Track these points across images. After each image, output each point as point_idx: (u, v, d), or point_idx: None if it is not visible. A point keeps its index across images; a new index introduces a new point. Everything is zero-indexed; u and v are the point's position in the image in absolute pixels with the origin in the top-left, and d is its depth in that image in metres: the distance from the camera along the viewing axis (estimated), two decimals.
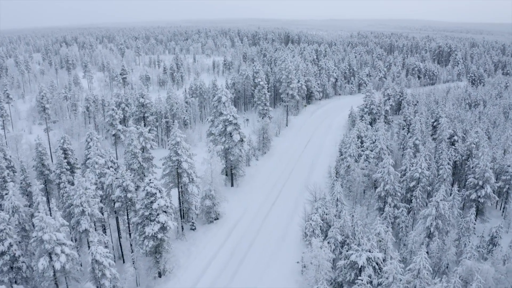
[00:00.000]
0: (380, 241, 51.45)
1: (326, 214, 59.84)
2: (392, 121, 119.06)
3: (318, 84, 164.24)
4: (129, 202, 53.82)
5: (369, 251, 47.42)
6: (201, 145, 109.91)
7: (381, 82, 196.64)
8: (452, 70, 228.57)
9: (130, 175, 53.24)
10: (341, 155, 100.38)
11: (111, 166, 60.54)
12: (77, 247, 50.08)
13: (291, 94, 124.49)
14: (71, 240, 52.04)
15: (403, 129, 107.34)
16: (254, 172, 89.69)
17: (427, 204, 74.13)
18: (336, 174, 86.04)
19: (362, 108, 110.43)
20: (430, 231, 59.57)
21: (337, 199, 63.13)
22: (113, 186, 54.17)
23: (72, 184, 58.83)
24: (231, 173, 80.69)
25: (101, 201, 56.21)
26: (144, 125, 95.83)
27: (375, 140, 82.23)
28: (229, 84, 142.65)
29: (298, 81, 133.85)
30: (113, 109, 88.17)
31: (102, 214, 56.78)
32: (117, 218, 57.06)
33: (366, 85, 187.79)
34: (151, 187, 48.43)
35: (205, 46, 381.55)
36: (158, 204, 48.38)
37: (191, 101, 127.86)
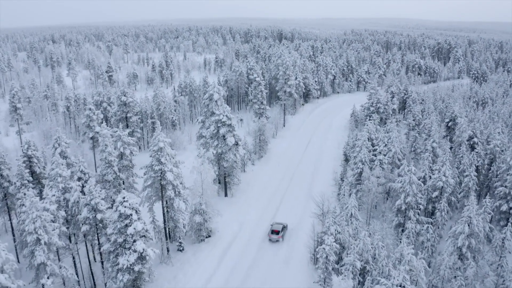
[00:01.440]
0: (411, 270, 41.83)
1: (339, 233, 50.05)
2: (400, 120, 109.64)
3: (315, 81, 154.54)
4: (100, 224, 43.57)
5: (401, 286, 37.66)
6: (191, 148, 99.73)
7: (381, 79, 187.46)
8: (453, 67, 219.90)
9: (100, 191, 42.92)
10: (346, 158, 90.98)
11: (80, 178, 50.28)
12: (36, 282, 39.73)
13: (289, 92, 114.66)
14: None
15: (413, 129, 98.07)
16: (250, 179, 79.69)
17: (451, 217, 64.93)
18: (342, 180, 76.37)
19: (368, 107, 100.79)
20: (461, 251, 50.15)
21: (351, 215, 53.28)
22: (80, 204, 43.93)
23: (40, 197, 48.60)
24: (224, 182, 70.63)
25: (67, 222, 45.94)
26: (127, 126, 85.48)
27: (388, 143, 72.59)
28: (221, 82, 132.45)
29: (296, 78, 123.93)
30: (90, 109, 77.77)
31: (70, 238, 46.54)
32: (86, 244, 46.74)
33: (366, 82, 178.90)
34: (124, 206, 38.35)
35: (196, 44, 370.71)
36: (135, 229, 38.33)
37: (180, 99, 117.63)
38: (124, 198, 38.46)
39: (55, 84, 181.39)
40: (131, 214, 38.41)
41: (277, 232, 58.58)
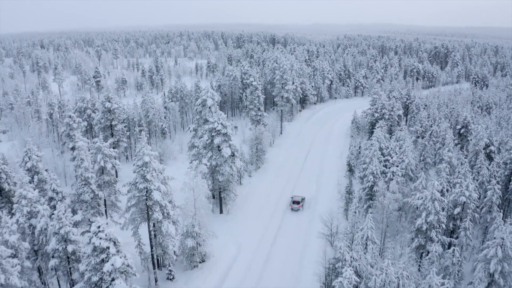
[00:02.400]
0: None
1: (355, 260, 43.01)
2: (407, 127, 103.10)
3: (312, 86, 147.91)
4: (72, 257, 36.14)
5: None
6: (181, 158, 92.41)
7: (379, 84, 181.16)
8: (451, 71, 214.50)
9: (72, 216, 35.53)
10: (350, 169, 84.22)
11: (52, 198, 42.86)
12: None
13: (286, 97, 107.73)
14: None
15: (421, 137, 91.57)
16: (247, 193, 72.47)
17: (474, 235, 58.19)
18: (348, 194, 69.48)
19: (372, 113, 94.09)
20: (493, 278, 43.40)
21: (367, 237, 46.25)
22: (48, 232, 36.52)
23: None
24: (219, 197, 63.34)
25: (35, 252, 38.47)
26: (112, 135, 77.99)
27: (400, 152, 65.82)
28: (214, 87, 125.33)
29: (293, 83, 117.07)
30: (70, 116, 70.25)
31: (39, 271, 39.03)
32: (58, 280, 39.23)
33: (364, 87, 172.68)
34: (100, 238, 31.02)
35: (187, 49, 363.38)
36: (113, 265, 31.00)
37: (171, 106, 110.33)
38: (99, 227, 31.12)
39: (40, 90, 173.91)
40: (108, 247, 31.10)
41: (297, 202, 67.30)
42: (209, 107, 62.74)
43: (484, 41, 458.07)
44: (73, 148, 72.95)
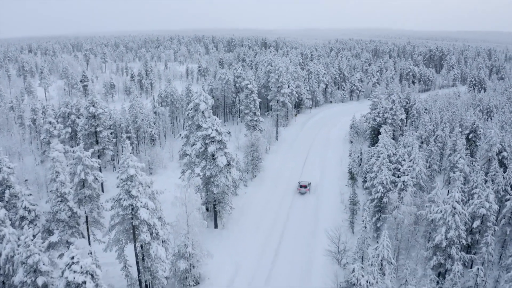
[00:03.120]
0: None
1: (371, 285, 37.81)
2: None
3: (307, 90, 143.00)
4: None
5: None
6: (172, 166, 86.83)
7: (374, 88, 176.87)
8: (447, 74, 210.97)
9: (43, 243, 29.95)
10: (352, 177, 79.24)
11: (23, 218, 37.18)
12: None
13: (282, 101, 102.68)
14: None
15: (426, 142, 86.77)
16: (243, 205, 67.03)
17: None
18: (353, 205, 64.43)
19: (373, 117, 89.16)
20: None
21: (383, 257, 41.08)
22: (15, 261, 30.90)
23: None
24: (214, 210, 57.85)
25: (3, 284, 32.79)
26: (97, 143, 72.22)
27: (410, 160, 60.88)
28: (206, 91, 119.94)
29: (288, 86, 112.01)
30: (50, 122, 64.54)
31: None
32: None
33: (359, 91, 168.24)
34: (74, 271, 25.51)
35: (177, 53, 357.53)
36: None
37: (161, 110, 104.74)
38: (73, 258, 25.60)
39: (26, 95, 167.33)
40: (84, 282, 25.60)
41: (304, 186, 73.16)
42: (202, 112, 57.42)
43: (475, 44, 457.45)
44: (54, 159, 67.19)
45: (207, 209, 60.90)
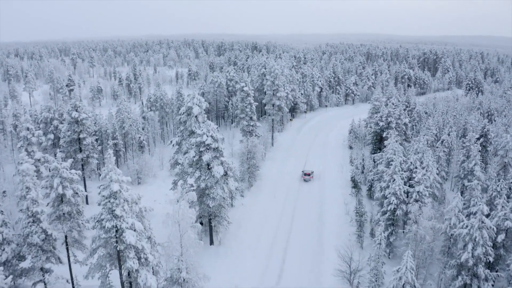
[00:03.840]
0: None
1: None
2: (411, 137, 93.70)
3: (301, 94, 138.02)
4: None
5: None
6: (162, 175, 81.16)
7: (370, 91, 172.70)
8: (442, 78, 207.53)
9: (3, 279, 24.20)
10: (355, 185, 74.25)
11: None
12: None
13: (278, 105, 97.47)
14: None
15: (432, 149, 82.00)
16: (241, 217, 61.50)
17: None
18: (359, 216, 59.36)
19: (376, 122, 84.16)
20: None
21: (406, 282, 35.81)
22: None
23: None
24: (209, 225, 52.25)
25: None
26: (80, 151, 66.32)
27: (423, 168, 55.91)
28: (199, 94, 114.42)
29: (284, 89, 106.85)
30: (27, 129, 58.68)
31: None
32: None
33: (355, 95, 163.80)
34: None
35: (167, 58, 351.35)
36: None
37: (150, 115, 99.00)
38: None
39: (9, 100, 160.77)
40: None
41: (308, 174, 78.51)
42: (196, 116, 52.03)
43: (465, 48, 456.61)
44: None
45: (201, 223, 55.34)
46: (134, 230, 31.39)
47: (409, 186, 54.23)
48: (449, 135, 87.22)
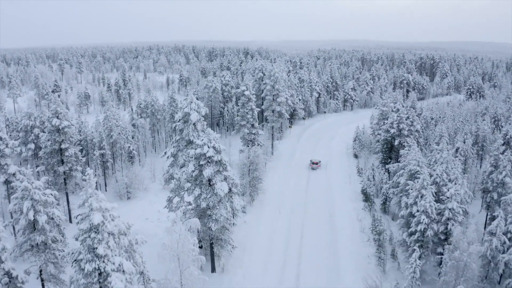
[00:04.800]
0: None
1: None
2: (427, 144, 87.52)
3: (299, 99, 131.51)
4: None
5: None
6: (154, 188, 73.89)
7: (369, 97, 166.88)
8: (441, 82, 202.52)
9: None
10: (366, 198, 67.75)
11: None
12: None
13: (279, 111, 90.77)
14: None
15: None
16: (244, 237, 54.42)
17: None
18: (378, 235, 52.88)
19: (387, 129, 77.59)
20: None
21: None
22: None
23: None
24: (211, 250, 45.06)
25: None
26: (62, 163, 58.98)
27: (451, 181, 49.40)
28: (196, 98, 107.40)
29: (284, 94, 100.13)
30: (0, 138, 51.21)
31: None
32: None
33: (353, 100, 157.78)
34: None
35: (157, 63, 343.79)
36: None
37: (140, 123, 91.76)
38: None
39: None
40: None
41: (316, 163, 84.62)
42: (194, 124, 45.06)
43: (458, 53, 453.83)
44: (6, 182, 53.79)
45: (200, 247, 48.19)
46: (123, 272, 24.28)
47: (435, 201, 47.68)
48: (464, 142, 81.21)
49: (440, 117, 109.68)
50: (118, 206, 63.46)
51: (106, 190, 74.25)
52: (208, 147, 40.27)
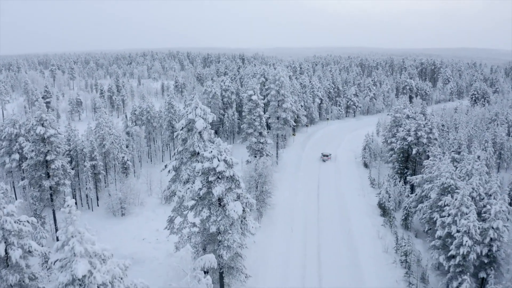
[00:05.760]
0: None
1: None
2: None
3: (301, 106, 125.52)
4: None
5: None
6: (151, 203, 67.30)
7: (372, 103, 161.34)
8: (443, 88, 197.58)
9: None
10: (385, 212, 61.75)
11: None
12: None
13: (284, 118, 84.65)
14: None
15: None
16: (255, 261, 47.73)
17: None
18: (405, 256, 46.91)
19: (403, 137, 71.55)
20: None
21: None
22: None
23: None
24: (220, 282, 38.60)
25: None
26: (48, 176, 52.41)
27: (490, 195, 43.39)
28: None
29: (290, 100, 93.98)
30: None
31: None
32: None
33: (356, 107, 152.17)
34: None
35: (151, 70, 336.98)
36: None
37: (135, 130, 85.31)
38: None
39: None
40: None
41: (327, 155, 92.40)
42: (200, 133, 38.85)
43: (451, 60, 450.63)
44: None
45: (205, 272, 41.68)
46: None
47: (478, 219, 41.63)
48: (486, 150, 75.64)
49: (453, 123, 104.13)
50: (111, 224, 56.89)
51: (98, 205, 67.65)
52: (219, 160, 33.99)
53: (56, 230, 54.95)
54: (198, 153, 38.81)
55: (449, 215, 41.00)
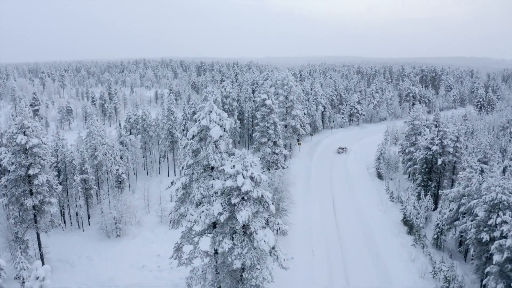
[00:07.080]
0: None
1: None
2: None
3: (305, 114, 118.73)
4: None
5: None
6: (150, 221, 59.80)
7: (375, 110, 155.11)
8: (446, 95, 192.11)
9: None
10: (411, 230, 54.97)
11: None
12: None
13: (293, 126, 77.79)
14: None
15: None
16: None
17: None
18: (447, 282, 40.15)
19: (427, 146, 64.81)
20: None
21: None
22: None
23: None
24: None
25: None
26: (31, 194, 44.87)
27: None
28: (188, 114, 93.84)
29: (299, 106, 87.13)
30: None
31: None
32: None
33: (360, 114, 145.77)
34: None
35: (144, 78, 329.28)
36: None
37: (129, 140, 77.94)
38: None
39: None
40: None
41: (342, 148, 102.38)
42: (215, 142, 31.69)
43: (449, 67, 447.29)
44: None
45: None
46: None
47: None
48: (511, 159, 69.06)
49: (469, 131, 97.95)
50: (104, 247, 49.13)
51: (89, 224, 60.01)
52: (244, 177, 26.86)
53: (41, 255, 47.37)
54: (213, 168, 31.69)
55: (505, 236, 34.19)
